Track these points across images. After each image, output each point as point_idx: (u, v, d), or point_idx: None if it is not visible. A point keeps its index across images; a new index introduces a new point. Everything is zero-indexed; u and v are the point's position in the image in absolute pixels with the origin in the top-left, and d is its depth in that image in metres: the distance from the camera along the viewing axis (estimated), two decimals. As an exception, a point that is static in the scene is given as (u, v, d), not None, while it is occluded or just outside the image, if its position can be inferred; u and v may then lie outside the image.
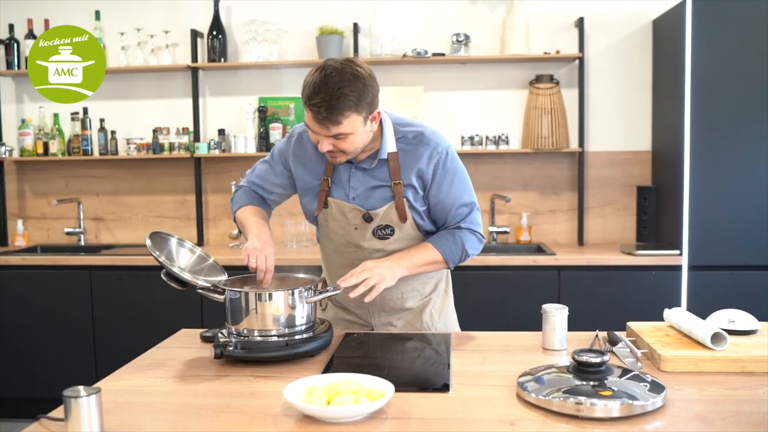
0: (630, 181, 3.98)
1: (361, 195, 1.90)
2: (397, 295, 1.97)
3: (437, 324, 2.04)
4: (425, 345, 1.88)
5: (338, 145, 1.76)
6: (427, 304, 2.03)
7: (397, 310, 2.01)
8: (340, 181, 1.92)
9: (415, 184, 1.88)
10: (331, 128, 1.71)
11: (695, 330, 1.68)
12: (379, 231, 1.90)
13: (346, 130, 1.72)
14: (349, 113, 1.70)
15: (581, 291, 3.47)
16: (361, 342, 1.88)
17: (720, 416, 1.32)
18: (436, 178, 1.88)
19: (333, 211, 1.93)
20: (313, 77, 1.70)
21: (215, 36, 4.01)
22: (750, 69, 3.36)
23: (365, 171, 1.90)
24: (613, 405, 1.31)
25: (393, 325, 2.02)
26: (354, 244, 1.94)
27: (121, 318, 3.68)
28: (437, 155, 1.88)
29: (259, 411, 1.38)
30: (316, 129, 1.74)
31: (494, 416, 1.34)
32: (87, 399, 1.20)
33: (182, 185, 4.21)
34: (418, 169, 1.87)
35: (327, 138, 1.74)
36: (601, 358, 1.42)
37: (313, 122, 1.73)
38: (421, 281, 2.01)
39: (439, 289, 2.07)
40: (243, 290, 1.72)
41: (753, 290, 3.36)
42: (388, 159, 1.87)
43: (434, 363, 1.73)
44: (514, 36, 3.84)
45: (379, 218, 1.89)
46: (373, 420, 1.32)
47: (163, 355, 1.78)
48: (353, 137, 1.75)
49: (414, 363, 1.75)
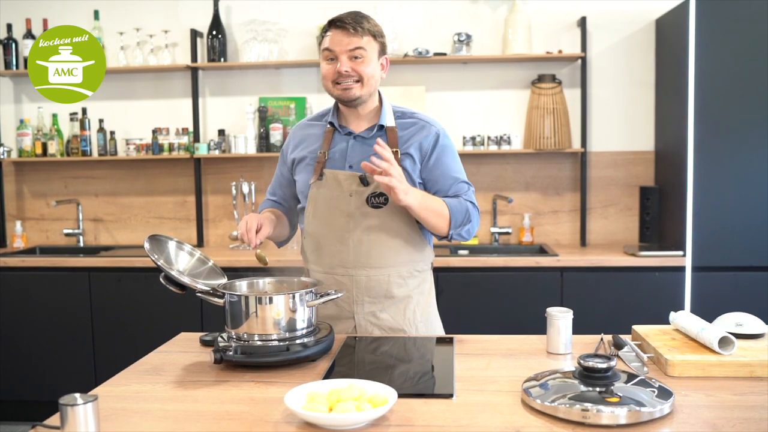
0: (633, 181, 3.96)
1: (358, 163, 1.94)
2: (384, 277, 1.96)
3: (419, 323, 2.02)
4: (428, 349, 1.85)
5: (355, 67, 1.89)
6: (410, 300, 2.01)
7: (381, 297, 1.98)
8: (337, 153, 1.99)
9: (414, 155, 1.96)
10: (353, 38, 1.88)
11: (702, 334, 1.66)
12: (373, 198, 1.93)
13: (366, 47, 1.90)
14: (369, 34, 1.91)
15: (584, 292, 3.45)
16: (362, 346, 1.86)
17: (729, 423, 1.30)
18: (436, 151, 1.98)
19: (328, 181, 1.97)
20: None
21: (215, 36, 3.98)
22: (754, 69, 3.34)
23: (364, 141, 1.98)
24: (620, 412, 1.29)
25: (376, 317, 1.98)
26: (346, 213, 1.94)
27: (120, 320, 3.66)
28: (435, 131, 2.00)
29: (260, 418, 1.35)
30: (340, 42, 1.88)
31: (499, 423, 1.32)
32: (83, 407, 1.18)
33: (182, 186, 4.18)
34: (418, 142, 1.97)
35: (347, 54, 1.89)
36: (608, 364, 1.39)
37: (337, 35, 1.89)
38: (407, 268, 2.00)
39: (423, 288, 2.05)
40: (242, 294, 1.70)
41: (757, 291, 3.34)
42: (386, 131, 1.97)
43: (437, 368, 1.70)
44: (516, 36, 3.82)
45: (375, 183, 1.90)
46: (375, 427, 1.30)
47: (162, 360, 1.75)
48: (368, 61, 1.91)
49: (417, 368, 1.72)
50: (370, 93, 1.96)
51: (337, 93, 1.95)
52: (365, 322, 1.99)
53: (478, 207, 2.02)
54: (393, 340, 1.91)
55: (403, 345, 1.87)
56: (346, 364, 1.71)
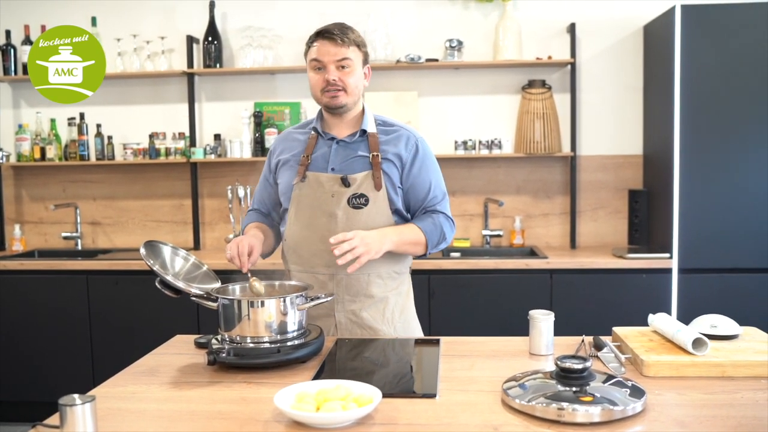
0: (622, 184, 4.02)
1: (341, 166, 2.04)
2: (364, 277, 2.03)
3: (397, 323, 2.09)
4: (414, 351, 1.92)
5: (342, 77, 1.98)
6: (388, 301, 2.08)
7: (361, 295, 2.05)
8: (320, 157, 2.07)
9: (394, 160, 2.05)
10: (341, 48, 1.97)
11: (677, 335, 1.72)
12: (354, 199, 2.01)
13: (352, 57, 1.98)
14: (354, 45, 2.00)
15: (573, 294, 3.51)
16: (351, 348, 1.92)
17: (697, 420, 1.36)
18: (416, 159, 2.06)
19: (310, 182, 2.05)
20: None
21: (211, 42, 4.04)
22: (738, 74, 3.41)
23: (347, 145, 2.07)
24: (594, 410, 1.35)
25: (356, 315, 2.05)
26: (328, 213, 2.01)
27: (118, 322, 3.72)
28: (414, 139, 2.09)
29: (250, 417, 1.42)
30: (327, 52, 1.97)
31: (479, 421, 1.38)
32: (82, 407, 1.23)
33: (178, 190, 4.24)
34: (397, 150, 2.05)
35: (334, 63, 1.97)
36: (583, 365, 1.46)
37: (325, 46, 1.97)
38: (387, 270, 2.07)
39: (401, 289, 2.13)
40: (235, 298, 1.76)
41: (742, 293, 3.41)
42: (368, 136, 2.06)
43: (423, 369, 1.76)
44: (506, 42, 3.89)
45: (356, 184, 2.00)
46: (361, 426, 1.36)
47: (158, 362, 1.81)
48: (354, 71, 2.00)
49: (403, 369, 1.79)
50: (355, 101, 2.05)
51: (325, 101, 2.03)
52: (346, 320, 2.06)
53: (451, 217, 2.12)
54: (380, 342, 1.97)
55: (390, 347, 1.93)
56: (335, 365, 1.77)
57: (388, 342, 1.97)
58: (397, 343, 1.96)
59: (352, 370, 1.75)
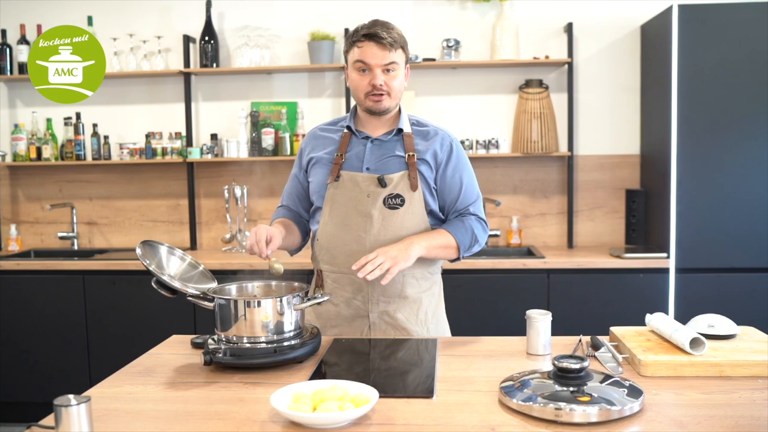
0: (619, 184, 4.02)
1: (376, 165, 2.01)
2: (399, 277, 2.01)
3: (430, 324, 2.09)
4: (412, 351, 1.91)
5: (387, 82, 1.95)
6: (422, 302, 2.07)
7: (396, 296, 2.03)
8: (354, 156, 2.04)
9: (429, 161, 2.02)
10: (389, 52, 1.92)
11: (675, 335, 1.72)
12: (390, 200, 1.98)
13: (398, 60, 1.95)
14: (400, 47, 1.96)
15: (570, 294, 3.51)
16: (348, 348, 1.92)
17: (695, 420, 1.36)
18: (451, 160, 2.04)
19: (344, 182, 2.01)
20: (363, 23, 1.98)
21: (207, 41, 4.04)
22: (735, 74, 3.41)
23: (381, 144, 2.04)
24: (591, 410, 1.35)
25: (390, 316, 2.03)
26: (363, 214, 1.99)
27: (114, 322, 3.71)
28: (449, 140, 2.07)
29: (247, 417, 1.41)
30: (372, 57, 1.93)
31: (476, 422, 1.37)
32: (77, 408, 1.23)
33: (175, 190, 4.24)
34: (433, 150, 2.03)
35: (381, 67, 1.93)
36: (581, 364, 1.46)
37: (372, 49, 1.93)
38: (421, 270, 2.06)
39: (433, 290, 2.12)
40: (231, 298, 1.75)
41: (739, 293, 3.41)
42: (403, 135, 2.03)
43: (420, 369, 1.76)
44: (503, 41, 3.88)
45: (392, 184, 1.98)
46: (357, 426, 1.35)
47: (154, 362, 1.80)
48: (399, 75, 1.97)
49: (400, 369, 1.78)
50: (397, 103, 2.03)
51: (368, 104, 1.99)
52: (380, 321, 2.04)
53: (484, 219, 2.09)
54: (377, 343, 1.96)
55: (387, 347, 1.93)
56: (332, 364, 1.76)
57: (385, 342, 1.97)
58: (393, 344, 1.96)
59: (349, 370, 1.74)
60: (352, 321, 2.04)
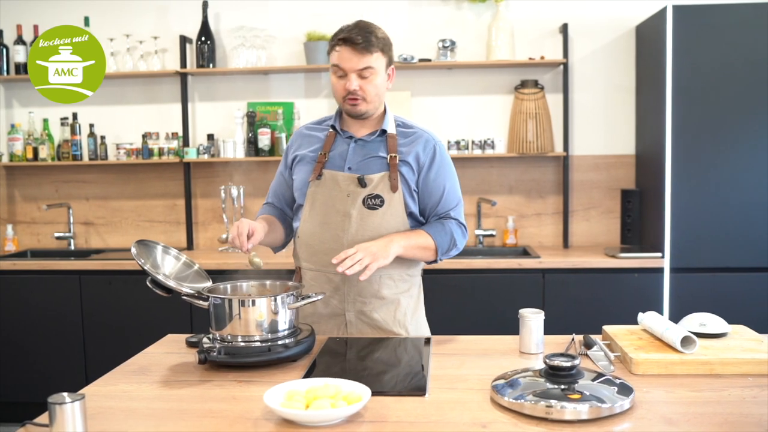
0: (614, 184, 4.04)
1: (358, 165, 2.02)
2: (375, 278, 2.02)
3: (408, 325, 2.09)
4: (405, 349, 1.92)
5: (363, 86, 1.95)
6: (399, 302, 2.07)
7: (372, 297, 2.04)
8: (337, 155, 2.05)
9: (411, 163, 2.02)
10: (363, 57, 1.92)
11: (666, 334, 1.73)
12: (369, 200, 1.99)
13: (374, 64, 1.94)
14: (378, 49, 1.94)
15: (565, 293, 3.52)
16: (342, 346, 1.93)
17: (684, 417, 1.37)
18: (434, 163, 2.04)
19: (326, 181, 2.03)
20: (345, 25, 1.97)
21: (204, 42, 4.04)
22: (730, 74, 3.42)
23: (365, 145, 2.05)
24: (581, 408, 1.36)
25: (367, 316, 2.05)
26: (342, 213, 2.00)
27: (110, 322, 3.72)
28: (433, 142, 2.06)
29: (241, 415, 1.42)
30: (347, 61, 1.93)
31: (467, 419, 1.39)
32: (71, 405, 1.24)
33: (171, 190, 4.24)
34: (416, 152, 2.03)
35: (356, 72, 1.93)
36: (572, 363, 1.47)
37: (347, 53, 1.92)
38: (398, 272, 2.06)
39: (412, 292, 2.12)
40: (226, 297, 1.76)
41: (733, 292, 3.42)
42: (387, 136, 2.04)
43: (412, 367, 1.77)
44: (499, 42, 3.90)
45: (372, 184, 1.99)
46: (350, 423, 1.36)
47: (149, 361, 1.81)
48: (376, 78, 1.96)
49: (393, 367, 1.79)
50: (377, 107, 2.03)
51: (346, 108, 2.01)
52: (356, 320, 2.05)
53: (464, 224, 2.09)
54: (371, 342, 1.97)
55: (380, 346, 1.94)
56: (326, 363, 1.77)
57: (378, 341, 1.98)
58: (386, 343, 1.97)
59: (342, 369, 1.75)
60: (329, 319, 2.05)
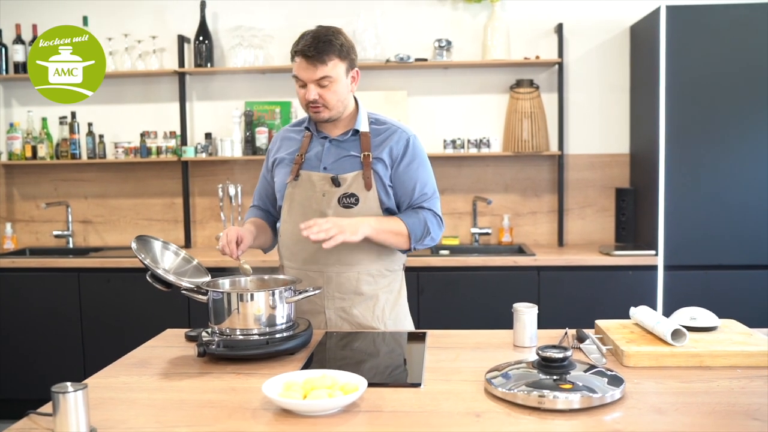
0: (609, 183, 4.07)
1: (332, 165, 2.07)
2: (354, 274, 2.06)
3: (387, 320, 2.12)
4: (401, 343, 1.95)
5: (323, 95, 1.97)
6: (378, 298, 2.10)
7: (351, 293, 2.07)
8: (313, 156, 2.10)
9: (385, 159, 2.05)
10: (318, 68, 1.93)
11: (657, 327, 1.76)
12: (344, 199, 2.03)
13: (331, 73, 1.95)
14: (334, 57, 1.95)
15: (560, 291, 3.56)
16: (339, 340, 1.96)
17: (673, 407, 1.40)
18: (406, 156, 2.07)
19: (303, 181, 2.08)
20: (305, 32, 1.99)
21: (202, 41, 4.07)
22: (723, 74, 3.46)
23: (339, 144, 2.09)
24: (573, 397, 1.39)
25: (346, 312, 2.08)
26: (319, 212, 2.04)
27: (109, 319, 3.74)
28: (406, 137, 2.09)
29: (239, 405, 1.45)
30: (304, 71, 1.95)
31: (462, 409, 1.42)
32: (74, 395, 1.26)
33: (170, 188, 4.27)
34: (389, 147, 2.06)
35: (314, 83, 1.96)
36: (564, 354, 1.50)
37: (303, 64, 1.95)
38: (377, 267, 2.10)
39: (392, 287, 2.15)
40: (225, 291, 1.79)
41: (725, 289, 3.46)
42: (360, 135, 2.07)
43: (409, 360, 1.80)
44: (495, 42, 3.93)
45: (347, 184, 2.03)
46: (346, 413, 1.39)
47: (149, 354, 1.84)
48: (336, 86, 1.98)
49: (389, 360, 1.82)
50: (341, 111, 2.05)
51: (309, 114, 2.08)
52: (336, 317, 2.09)
53: (439, 215, 2.11)
54: (368, 335, 2.00)
55: (377, 339, 1.97)
56: (323, 356, 1.80)
57: (375, 335, 2.01)
58: (384, 336, 2.00)
59: (339, 361, 1.78)
60: (310, 317, 2.08)
